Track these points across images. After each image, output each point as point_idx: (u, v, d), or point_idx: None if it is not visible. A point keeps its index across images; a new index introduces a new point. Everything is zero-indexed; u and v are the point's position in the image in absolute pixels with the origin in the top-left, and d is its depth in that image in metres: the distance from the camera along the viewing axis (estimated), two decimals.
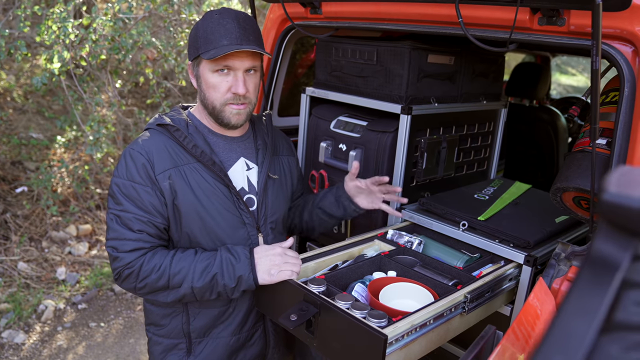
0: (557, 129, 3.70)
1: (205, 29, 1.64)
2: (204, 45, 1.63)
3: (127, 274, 1.61)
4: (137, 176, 1.62)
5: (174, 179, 1.64)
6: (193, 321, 1.79)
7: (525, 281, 1.80)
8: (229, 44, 1.62)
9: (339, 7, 2.18)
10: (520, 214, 2.14)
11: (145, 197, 1.61)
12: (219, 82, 1.67)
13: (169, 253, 1.64)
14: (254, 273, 1.61)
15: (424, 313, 1.43)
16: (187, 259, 1.62)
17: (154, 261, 1.60)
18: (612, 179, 0.60)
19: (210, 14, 1.67)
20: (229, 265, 1.61)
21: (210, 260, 1.62)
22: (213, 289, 1.62)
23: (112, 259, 1.63)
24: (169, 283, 1.61)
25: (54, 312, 4.12)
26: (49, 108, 6.15)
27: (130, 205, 1.61)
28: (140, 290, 1.64)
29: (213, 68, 1.66)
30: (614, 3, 1.40)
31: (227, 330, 1.84)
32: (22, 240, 4.61)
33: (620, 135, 1.54)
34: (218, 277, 1.61)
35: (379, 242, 1.98)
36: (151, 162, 1.63)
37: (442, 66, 2.23)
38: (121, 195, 1.62)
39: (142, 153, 1.63)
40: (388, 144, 2.15)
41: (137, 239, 1.61)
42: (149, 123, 1.75)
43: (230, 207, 1.73)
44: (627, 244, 0.55)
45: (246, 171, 1.81)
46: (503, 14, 1.70)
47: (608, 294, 0.52)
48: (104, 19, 3.76)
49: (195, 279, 1.60)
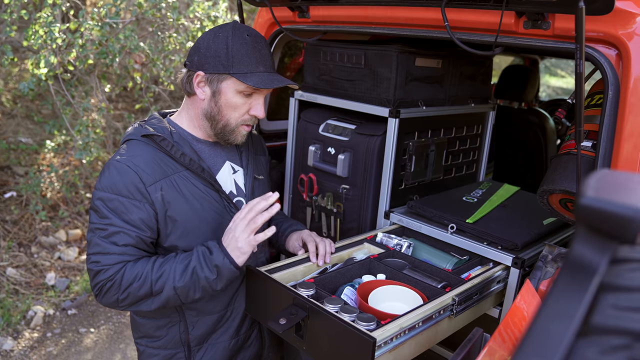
0: (545, 131, 3.72)
1: (239, 49, 1.61)
2: (237, 66, 1.61)
3: (109, 286, 1.58)
4: (124, 190, 1.57)
5: (165, 190, 1.61)
6: (192, 330, 1.78)
7: (513, 283, 1.81)
8: (265, 70, 1.66)
9: (327, 11, 2.19)
10: (508, 216, 2.15)
11: (133, 211, 1.58)
12: (242, 104, 1.67)
13: (149, 260, 1.61)
14: (228, 257, 1.58)
15: (412, 316, 1.43)
16: (168, 262, 1.60)
17: (135, 269, 1.58)
18: (590, 182, 0.61)
19: (241, 33, 1.64)
20: (205, 256, 1.59)
21: (188, 258, 1.60)
22: (196, 285, 1.59)
23: (94, 274, 1.58)
24: (152, 289, 1.58)
25: (44, 318, 4.10)
26: (38, 112, 6.11)
27: (117, 219, 1.57)
28: (123, 302, 1.60)
29: (241, 89, 1.64)
30: (597, 7, 1.42)
31: (226, 334, 1.84)
32: (10, 246, 4.58)
33: (605, 138, 1.56)
34: (198, 271, 1.58)
35: (368, 245, 1.99)
36: (140, 175, 1.58)
37: (430, 69, 2.25)
38: (106, 210, 1.57)
39: (129, 166, 1.58)
40: (376, 148, 2.16)
41: (122, 253, 1.58)
42: (129, 134, 1.70)
43: (222, 212, 1.73)
44: (605, 248, 0.56)
45: (232, 174, 1.81)
46: (489, 17, 1.71)
47: (585, 297, 0.53)
48: (91, 23, 3.74)
49: (176, 278, 1.58)
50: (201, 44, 1.66)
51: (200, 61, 1.65)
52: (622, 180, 0.62)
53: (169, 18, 4.24)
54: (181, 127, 1.76)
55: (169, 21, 4.30)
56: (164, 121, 1.74)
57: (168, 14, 4.25)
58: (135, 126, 1.71)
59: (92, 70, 4.42)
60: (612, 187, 0.59)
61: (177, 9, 4.29)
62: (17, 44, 4.78)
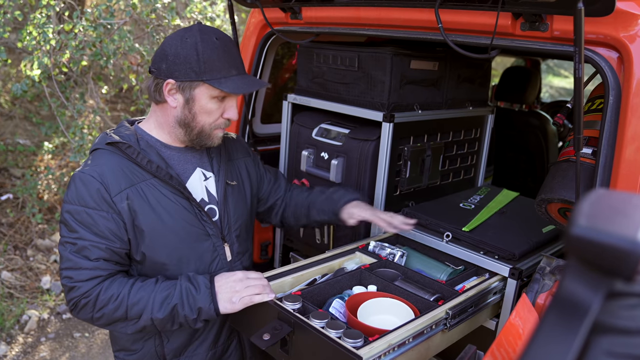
0: (547, 134, 3.65)
1: (210, 54, 1.55)
2: (209, 72, 1.55)
3: (83, 303, 1.53)
4: (90, 201, 1.52)
5: (132, 199, 1.55)
6: (167, 343, 1.72)
7: (510, 294, 1.74)
8: (237, 73, 1.61)
9: (319, 12, 2.12)
10: (506, 223, 2.08)
11: (101, 223, 1.52)
12: (216, 108, 1.62)
13: (127, 281, 1.55)
14: (214, 304, 1.52)
15: (402, 332, 1.36)
16: (147, 289, 1.54)
17: (111, 290, 1.52)
18: (583, 207, 0.54)
19: (209, 37, 1.57)
20: (190, 295, 1.53)
21: (170, 290, 1.54)
22: (174, 320, 1.55)
23: (68, 289, 1.54)
24: (127, 314, 1.52)
25: (38, 323, 4.04)
26: (36, 114, 6.06)
27: (86, 232, 1.52)
28: (98, 321, 1.55)
29: (214, 94, 1.59)
30: (597, 8, 1.35)
31: (203, 346, 1.78)
32: (5, 249, 4.53)
33: (606, 145, 1.49)
34: (178, 308, 1.53)
35: (360, 255, 1.92)
36: (105, 184, 1.53)
37: (426, 72, 2.18)
38: (75, 223, 1.52)
39: (94, 176, 1.53)
40: (370, 153, 2.10)
41: (94, 267, 1.52)
42: (95, 143, 1.64)
43: (193, 220, 1.66)
44: (599, 284, 0.49)
45: (204, 181, 1.74)
46: (485, 19, 1.64)
47: (575, 342, 0.47)
48: (84, 24, 3.68)
49: (155, 309, 1.52)
50: (168, 50, 1.57)
51: (169, 69, 1.57)
52: (618, 204, 0.55)
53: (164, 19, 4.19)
54: (149, 133, 1.69)
55: (165, 22, 4.24)
56: (131, 128, 1.68)
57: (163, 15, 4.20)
58: (102, 135, 1.65)
59: (87, 71, 4.37)
60: (608, 213, 0.52)
61: (175, 9, 4.24)
62: (12, 45, 4.74)
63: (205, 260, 1.70)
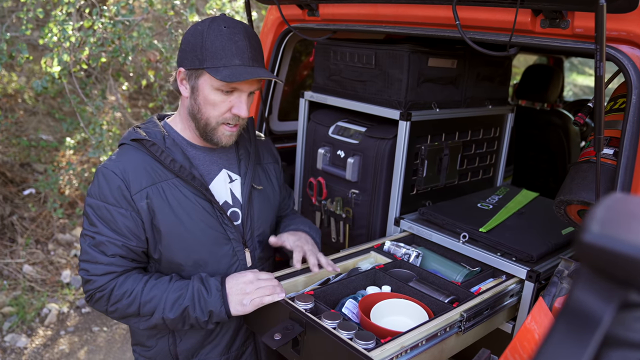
0: (569, 133, 3.58)
1: (214, 41, 1.50)
2: (211, 60, 1.50)
3: (98, 297, 1.55)
4: (110, 197, 1.52)
5: (151, 198, 1.54)
6: (180, 343, 1.72)
7: (527, 297, 1.71)
8: (241, 64, 1.51)
9: (336, 9, 2.10)
10: (524, 224, 2.04)
11: (119, 220, 1.52)
12: (221, 101, 1.55)
13: (142, 278, 1.55)
14: (225, 306, 1.51)
15: (415, 334, 1.34)
16: (160, 287, 1.53)
17: (125, 286, 1.53)
18: (596, 213, 0.51)
19: (218, 25, 1.52)
20: (201, 297, 1.53)
21: (182, 291, 1.53)
22: (185, 321, 1.54)
23: (84, 282, 1.56)
24: (140, 311, 1.53)
25: (58, 316, 4.10)
26: (59, 110, 6.14)
27: (104, 228, 1.52)
28: (113, 314, 1.57)
29: (217, 86, 1.52)
30: (620, 4, 1.31)
31: (215, 351, 1.76)
32: (27, 243, 4.60)
33: (628, 146, 1.45)
34: (190, 310, 1.52)
35: (374, 254, 1.90)
36: (126, 181, 1.52)
37: (444, 70, 2.14)
38: (95, 217, 1.53)
39: (116, 172, 1.52)
40: (387, 151, 2.07)
41: (110, 263, 1.53)
42: (123, 137, 1.63)
43: (213, 223, 1.62)
44: (612, 295, 0.47)
45: (229, 183, 1.70)
46: (504, 15, 1.61)
47: (586, 354, 0.44)
48: (103, 21, 3.71)
49: (166, 309, 1.52)
50: (184, 39, 1.58)
51: (181, 57, 1.57)
52: (636, 210, 0.52)
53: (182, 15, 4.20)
54: (176, 130, 1.67)
55: (183, 19, 4.25)
56: (159, 125, 1.66)
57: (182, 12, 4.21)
58: (130, 130, 1.64)
59: (106, 68, 4.40)
60: (623, 219, 0.50)
61: (194, 5, 4.24)
62: (35, 43, 4.80)
63: (223, 264, 1.66)
